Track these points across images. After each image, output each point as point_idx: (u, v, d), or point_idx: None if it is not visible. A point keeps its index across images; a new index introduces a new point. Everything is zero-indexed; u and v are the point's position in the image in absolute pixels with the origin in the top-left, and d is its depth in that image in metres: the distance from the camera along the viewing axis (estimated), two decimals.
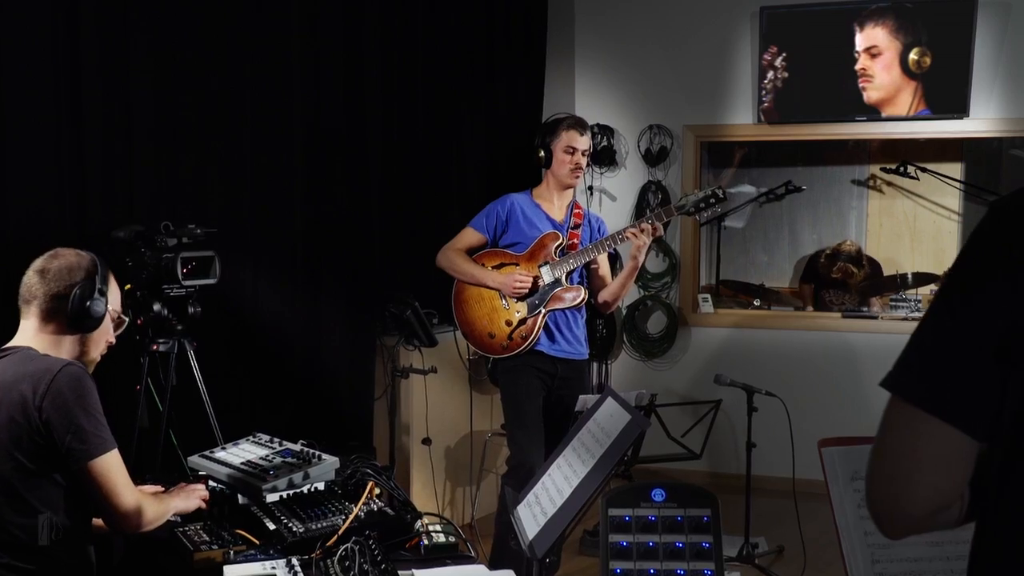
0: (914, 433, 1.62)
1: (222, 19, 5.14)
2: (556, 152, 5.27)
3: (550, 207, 5.36)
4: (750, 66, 7.63)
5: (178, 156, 4.98)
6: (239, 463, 3.66)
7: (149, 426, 4.39)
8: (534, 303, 5.20)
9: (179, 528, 3.22)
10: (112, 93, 4.64)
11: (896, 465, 1.64)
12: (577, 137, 5.26)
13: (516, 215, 5.31)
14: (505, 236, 5.33)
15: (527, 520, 3.02)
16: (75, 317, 3.09)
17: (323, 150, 5.81)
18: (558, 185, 5.34)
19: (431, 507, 6.10)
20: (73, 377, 2.95)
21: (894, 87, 7.27)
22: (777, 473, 6.28)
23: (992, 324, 1.57)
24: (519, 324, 5.21)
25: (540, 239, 5.25)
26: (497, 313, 5.27)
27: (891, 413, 1.66)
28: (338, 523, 3.12)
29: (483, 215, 5.40)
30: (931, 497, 1.63)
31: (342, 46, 5.90)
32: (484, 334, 5.30)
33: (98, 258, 3.20)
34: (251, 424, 4.35)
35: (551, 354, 5.22)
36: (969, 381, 1.59)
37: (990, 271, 1.60)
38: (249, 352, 5.36)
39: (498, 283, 5.24)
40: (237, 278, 5.16)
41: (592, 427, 3.09)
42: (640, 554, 2.62)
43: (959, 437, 1.59)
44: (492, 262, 5.32)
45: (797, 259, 8.45)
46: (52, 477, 2.96)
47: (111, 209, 4.65)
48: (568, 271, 5.19)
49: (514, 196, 5.39)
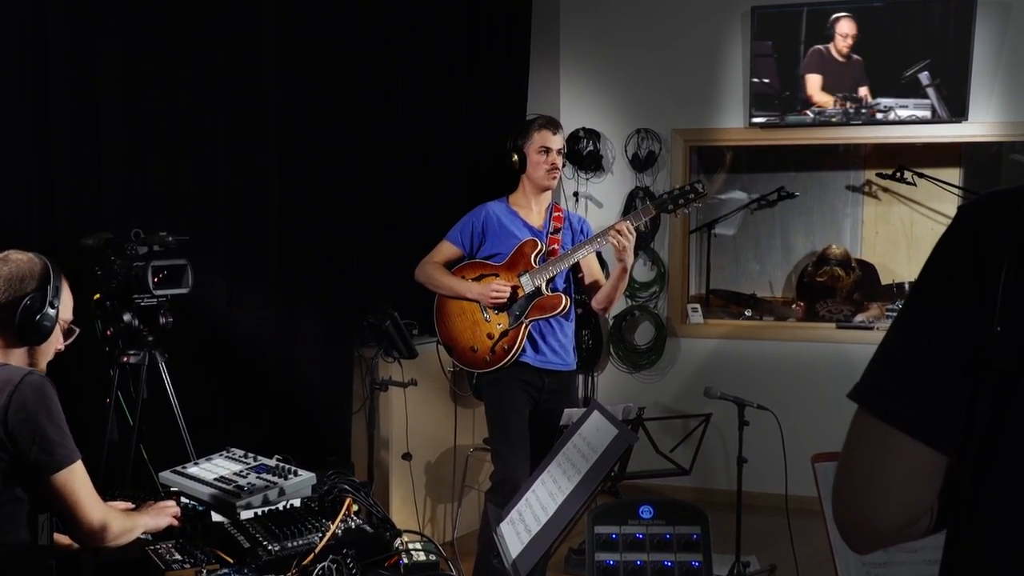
0: (882, 448, 1.64)
1: (193, 20, 5.13)
2: (530, 154, 5.29)
3: (528, 213, 5.38)
4: (741, 67, 7.65)
5: (149, 161, 4.97)
6: (212, 479, 3.67)
7: (119, 441, 4.38)
8: (515, 313, 5.21)
9: (150, 546, 3.23)
10: (80, 96, 4.63)
11: (864, 481, 1.66)
12: (550, 136, 5.28)
13: (492, 225, 5.34)
14: (483, 247, 5.36)
15: (510, 538, 3.03)
16: (22, 330, 3.11)
17: (299, 154, 5.80)
18: (535, 189, 5.36)
19: (411, 524, 6.11)
20: (36, 387, 2.97)
21: None
22: (769, 489, 6.29)
23: (961, 339, 1.59)
24: (501, 336, 5.23)
25: (519, 247, 5.27)
26: (479, 326, 5.29)
27: (858, 427, 1.68)
28: (315, 541, 3.13)
29: (458, 228, 5.42)
30: (900, 512, 1.66)
31: (318, 47, 5.89)
32: (467, 348, 5.31)
33: (51, 264, 3.20)
34: (225, 439, 4.36)
35: (537, 365, 5.25)
36: (938, 396, 1.62)
37: (959, 283, 1.62)
38: (223, 364, 5.35)
39: (476, 294, 5.26)
40: (210, 287, 5.15)
41: (578, 441, 3.10)
42: (627, 573, 2.63)
43: (927, 452, 1.62)
44: (472, 274, 5.34)
45: (790, 268, 8.47)
46: (13, 491, 2.96)
47: (79, 216, 4.64)
48: (548, 279, 5.21)
49: (489, 205, 5.41)
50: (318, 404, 6.00)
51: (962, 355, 1.59)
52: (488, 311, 5.26)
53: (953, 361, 1.59)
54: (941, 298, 1.64)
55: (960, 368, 1.59)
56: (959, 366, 1.59)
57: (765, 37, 7.47)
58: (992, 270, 1.57)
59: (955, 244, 1.65)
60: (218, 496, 3.53)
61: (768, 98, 7.52)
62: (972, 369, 1.58)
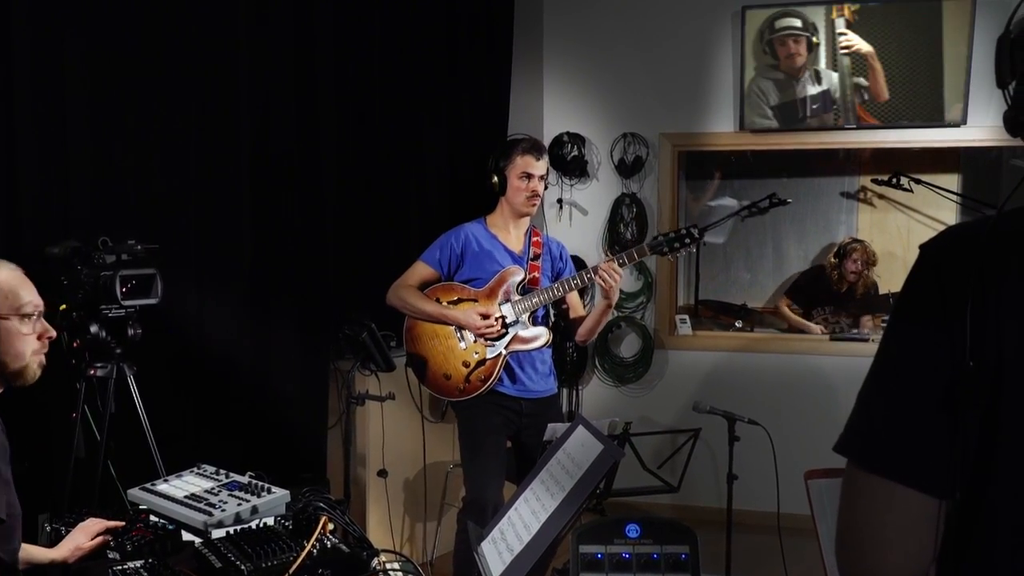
0: (873, 499, 1.66)
1: (164, 21, 5.11)
2: (511, 178, 5.27)
3: (507, 237, 5.38)
4: (731, 70, 7.66)
5: (117, 166, 4.95)
6: (182, 496, 3.69)
7: (86, 456, 4.37)
8: (493, 344, 5.22)
9: (118, 567, 3.23)
10: (45, 100, 4.61)
11: (865, 536, 1.68)
12: (533, 162, 5.25)
13: (471, 248, 5.31)
14: (460, 271, 5.33)
15: (492, 558, 3.04)
16: None
17: (273, 160, 5.80)
18: (513, 213, 5.35)
19: (388, 544, 6.10)
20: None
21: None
22: (760, 507, 6.31)
23: (935, 378, 1.62)
24: (478, 365, 5.22)
25: (500, 274, 5.26)
26: (453, 353, 5.27)
27: (850, 481, 1.70)
28: (289, 561, 3.14)
29: (436, 248, 5.37)
30: (906, 563, 1.67)
31: (293, 51, 5.90)
32: (439, 374, 5.30)
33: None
34: (195, 454, 4.37)
35: (514, 395, 5.27)
36: (919, 439, 1.64)
37: (926, 321, 1.65)
38: (193, 377, 5.34)
39: (461, 322, 5.23)
40: (180, 297, 5.14)
41: (562, 457, 3.12)
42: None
43: (921, 498, 1.63)
44: (448, 297, 5.31)
45: (782, 278, 8.49)
46: None
47: (45, 223, 4.62)
48: (530, 311, 5.22)
49: (468, 227, 5.38)
50: (292, 419, 6.00)
51: (937, 393, 1.61)
52: (465, 337, 5.25)
53: (929, 400, 1.62)
54: (910, 338, 1.67)
55: (937, 406, 1.61)
56: (935, 405, 1.61)
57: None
58: (957, 305, 1.60)
59: (919, 283, 1.69)
60: (188, 514, 3.55)
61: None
62: (949, 406, 1.60)
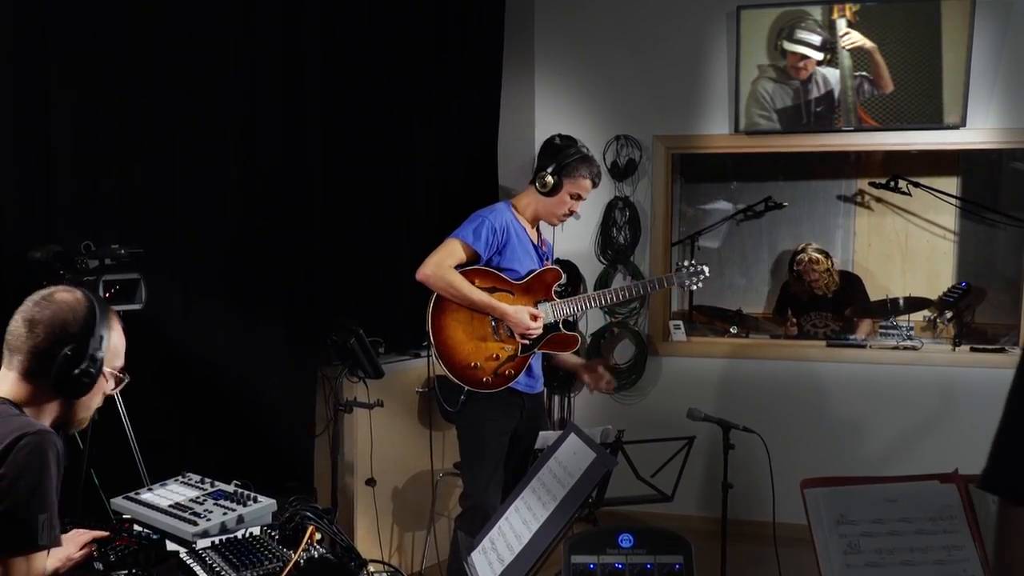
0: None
1: (149, 21, 5.10)
2: (564, 189, 5.35)
3: (531, 230, 5.47)
4: (726, 71, 7.66)
5: (100, 169, 4.94)
6: (167, 506, 3.69)
7: (68, 465, 4.36)
8: (528, 343, 5.28)
9: None
10: (27, 101, 4.61)
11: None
12: (590, 188, 5.42)
13: (512, 237, 5.32)
14: (499, 258, 5.31)
15: (482, 568, 3.05)
16: (60, 383, 2.94)
17: (259, 163, 5.79)
18: (540, 213, 5.45)
19: (377, 554, 6.11)
20: (32, 449, 2.73)
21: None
22: (756, 516, 6.33)
23: None
24: (508, 360, 5.26)
25: (540, 274, 5.33)
26: (485, 343, 5.29)
27: (1001, 518, 1.65)
28: (276, 571, 3.15)
29: (476, 228, 5.26)
30: None
31: (279, 52, 5.90)
32: (467, 362, 5.28)
33: (98, 304, 3.04)
34: (180, 463, 4.37)
35: (522, 390, 5.35)
36: None
37: None
38: (178, 384, 5.33)
39: (508, 318, 5.24)
40: (165, 303, 5.14)
41: (553, 466, 3.12)
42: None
43: None
44: (484, 283, 5.28)
45: (778, 284, 8.48)
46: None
47: (26, 227, 4.61)
48: (567, 317, 5.32)
49: (504, 214, 5.36)
50: (279, 426, 5.99)
51: None
52: (501, 330, 5.28)
53: None
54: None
55: None
56: None
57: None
58: None
59: None
60: (173, 524, 3.55)
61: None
62: None
